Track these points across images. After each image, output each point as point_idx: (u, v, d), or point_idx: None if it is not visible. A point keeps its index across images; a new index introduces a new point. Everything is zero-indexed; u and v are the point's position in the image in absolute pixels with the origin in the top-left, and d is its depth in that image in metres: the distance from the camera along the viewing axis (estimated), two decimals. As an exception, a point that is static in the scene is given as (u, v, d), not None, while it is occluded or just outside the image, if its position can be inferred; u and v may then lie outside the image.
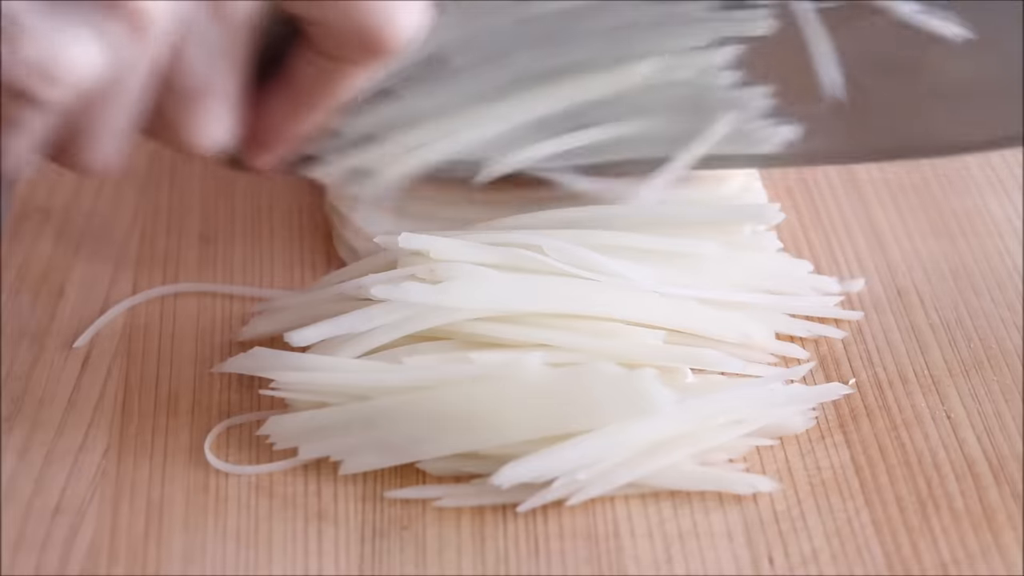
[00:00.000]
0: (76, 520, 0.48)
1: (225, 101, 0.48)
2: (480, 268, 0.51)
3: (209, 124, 0.48)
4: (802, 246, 0.59)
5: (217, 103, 0.48)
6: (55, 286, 0.57)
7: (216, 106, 0.48)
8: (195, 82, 0.47)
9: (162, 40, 0.45)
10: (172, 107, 0.48)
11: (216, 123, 0.48)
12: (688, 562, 0.46)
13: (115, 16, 0.43)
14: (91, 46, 0.43)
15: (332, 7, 0.47)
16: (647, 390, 0.47)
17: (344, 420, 0.49)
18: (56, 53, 0.43)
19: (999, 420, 0.51)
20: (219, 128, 0.49)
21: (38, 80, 0.43)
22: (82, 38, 0.43)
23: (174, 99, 0.47)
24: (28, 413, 0.51)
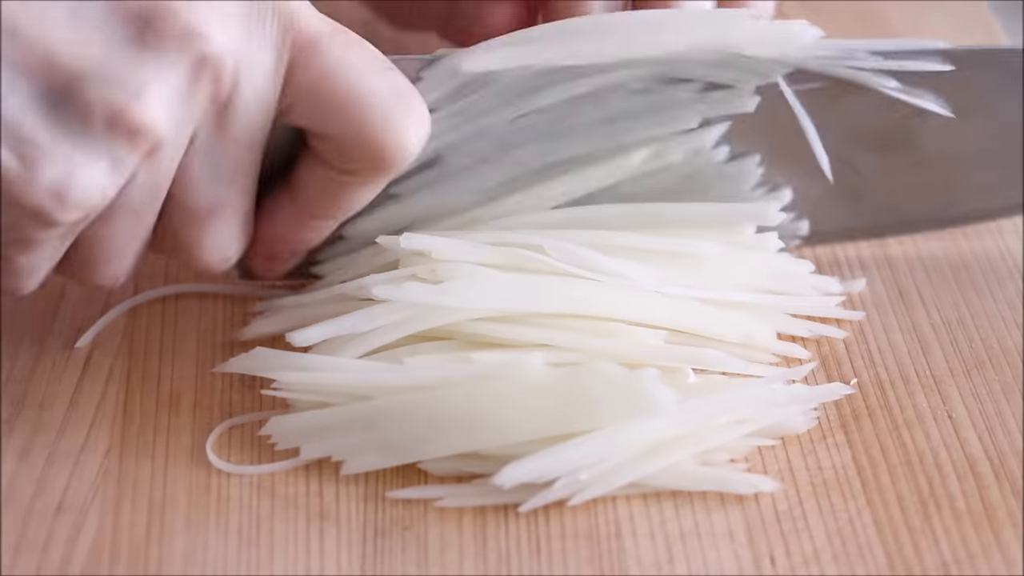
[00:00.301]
0: (78, 520, 0.47)
1: (234, 219, 0.49)
2: (481, 268, 0.51)
3: (219, 241, 0.49)
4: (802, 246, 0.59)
5: (226, 221, 0.49)
6: (56, 286, 0.57)
7: (225, 224, 0.49)
8: (203, 201, 0.48)
9: (171, 160, 0.46)
10: (181, 225, 0.49)
11: (226, 240, 0.50)
12: (690, 562, 0.46)
13: (124, 137, 0.44)
14: (103, 170, 0.44)
15: (337, 123, 0.48)
16: (648, 390, 0.47)
17: (346, 420, 0.49)
18: (71, 176, 0.44)
19: (1000, 420, 0.51)
20: (229, 245, 0.50)
21: (53, 203, 0.44)
22: (95, 162, 0.44)
23: (183, 218, 0.48)
24: (29, 414, 0.51)
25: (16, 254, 0.47)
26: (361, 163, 0.49)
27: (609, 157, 0.54)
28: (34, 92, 0.43)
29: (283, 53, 0.47)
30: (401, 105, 0.48)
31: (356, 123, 0.48)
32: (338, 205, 0.51)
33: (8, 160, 0.43)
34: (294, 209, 0.51)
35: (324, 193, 0.50)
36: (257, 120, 0.48)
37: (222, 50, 0.45)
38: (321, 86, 0.48)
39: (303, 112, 0.48)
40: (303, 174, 0.50)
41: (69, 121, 0.44)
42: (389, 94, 0.48)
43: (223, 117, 0.47)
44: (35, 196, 0.44)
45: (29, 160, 0.43)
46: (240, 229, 0.50)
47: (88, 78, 0.43)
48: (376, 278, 0.51)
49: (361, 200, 0.51)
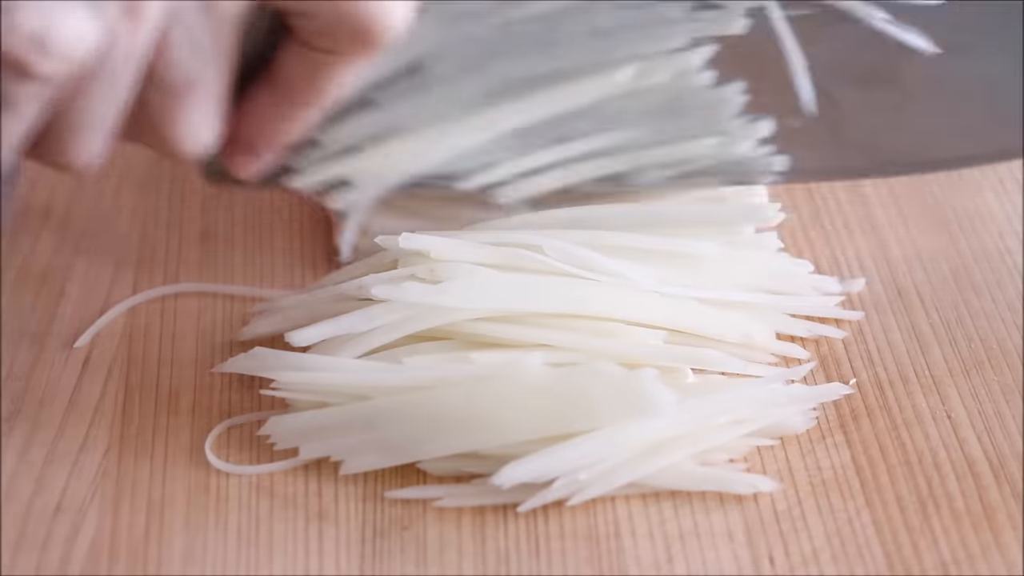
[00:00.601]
0: (77, 520, 0.48)
1: (211, 98, 0.48)
2: (480, 268, 0.51)
3: (194, 122, 0.48)
4: (802, 246, 0.59)
5: (202, 100, 0.48)
6: (55, 286, 0.57)
7: (201, 103, 0.48)
8: (181, 76, 0.47)
9: (152, 27, 0.45)
10: (157, 103, 0.47)
11: (201, 121, 0.48)
12: (689, 562, 0.46)
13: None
14: (86, 21, 0.43)
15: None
16: (647, 390, 0.47)
17: (345, 420, 0.49)
18: (52, 25, 0.43)
19: (999, 420, 0.51)
20: (204, 127, 0.48)
21: (33, 51, 0.43)
22: (78, 12, 0.43)
23: (159, 94, 0.47)
24: (29, 413, 0.51)
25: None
26: (341, 40, 0.48)
27: (595, 72, 0.53)
28: None
29: None
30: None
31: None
32: (317, 89, 0.49)
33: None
34: (273, 97, 0.50)
35: (304, 76, 0.49)
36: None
37: None
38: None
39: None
40: (283, 60, 0.49)
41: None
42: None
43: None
44: (14, 45, 0.43)
45: (7, 7, 0.42)
46: (215, 112, 0.48)
47: None
48: (375, 278, 0.51)
49: (339, 84, 0.49)
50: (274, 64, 0.49)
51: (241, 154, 0.51)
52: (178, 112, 0.48)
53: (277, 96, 0.50)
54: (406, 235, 0.51)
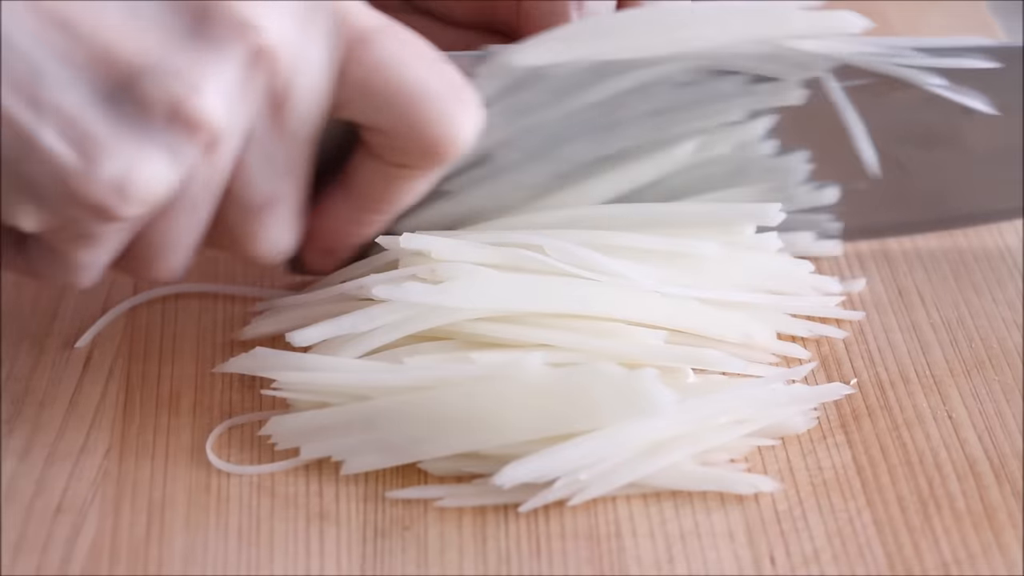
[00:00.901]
0: (77, 520, 0.47)
1: (288, 213, 0.49)
2: (481, 268, 0.51)
3: (273, 235, 0.50)
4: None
5: (280, 215, 0.49)
6: (55, 287, 0.57)
7: (279, 218, 0.49)
8: (258, 195, 0.48)
9: (230, 158, 0.46)
10: (236, 219, 0.49)
11: (279, 233, 0.50)
12: (690, 562, 0.46)
13: (184, 130, 0.44)
14: (164, 164, 0.44)
15: (390, 116, 0.48)
16: (648, 390, 0.47)
17: (345, 420, 0.49)
18: (132, 172, 0.44)
19: (1000, 420, 0.51)
20: (282, 238, 0.50)
21: (114, 197, 0.44)
22: (156, 156, 0.44)
23: (238, 212, 0.49)
24: (29, 414, 0.51)
25: (76, 249, 0.47)
26: (414, 156, 0.49)
27: (656, 149, 0.54)
28: (93, 88, 0.44)
29: (335, 47, 0.47)
30: (454, 97, 0.49)
31: (409, 116, 0.48)
32: (390, 199, 0.51)
33: (69, 156, 0.43)
34: (347, 203, 0.51)
35: (377, 187, 0.51)
36: (311, 114, 0.48)
37: (277, 43, 0.45)
38: (373, 79, 0.48)
39: (356, 106, 0.48)
40: (356, 168, 0.51)
41: (129, 116, 0.44)
42: (442, 87, 0.48)
43: (278, 111, 0.47)
44: (96, 191, 0.44)
45: (89, 155, 0.44)
46: (294, 223, 0.50)
47: (146, 72, 0.44)
48: (376, 278, 0.51)
49: (413, 194, 0.51)
50: (348, 170, 0.51)
51: (318, 253, 0.53)
52: (257, 226, 0.49)
53: (351, 203, 0.51)
54: (407, 235, 0.51)
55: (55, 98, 0.43)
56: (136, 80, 0.44)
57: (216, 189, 0.47)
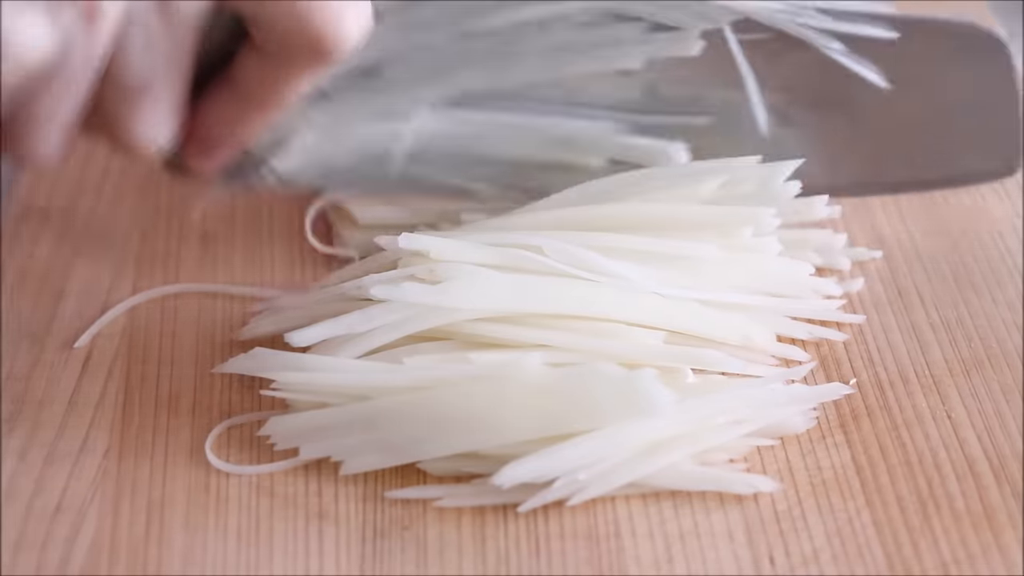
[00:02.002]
0: (77, 520, 0.48)
1: (167, 100, 0.48)
2: (480, 268, 0.51)
3: (150, 122, 0.48)
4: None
5: (159, 101, 0.48)
6: (55, 287, 0.57)
7: (158, 104, 0.48)
8: (138, 78, 0.47)
9: (109, 29, 0.45)
10: (114, 103, 0.48)
11: (158, 122, 0.48)
12: (689, 562, 0.46)
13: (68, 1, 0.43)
14: (43, 28, 0.43)
15: (278, 8, 0.47)
16: (647, 390, 0.47)
17: (345, 420, 0.49)
18: (10, 29, 0.43)
19: (1000, 420, 0.51)
20: (160, 126, 0.49)
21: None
22: (35, 19, 0.43)
23: (116, 95, 0.47)
24: (29, 413, 0.51)
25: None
26: (299, 49, 0.48)
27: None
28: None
29: None
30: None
31: (296, 9, 0.47)
32: (274, 95, 0.50)
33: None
34: (232, 100, 0.50)
35: (262, 82, 0.50)
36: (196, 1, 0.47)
37: None
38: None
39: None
40: (241, 63, 0.50)
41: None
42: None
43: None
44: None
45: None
46: (171, 111, 0.49)
47: None
48: (374, 278, 0.51)
49: (298, 91, 0.50)
50: (233, 66, 0.50)
51: (198, 151, 0.51)
52: (134, 111, 0.48)
53: (235, 98, 0.50)
54: (406, 235, 0.51)
55: None
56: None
57: (94, 64, 0.46)
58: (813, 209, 0.56)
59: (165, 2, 0.46)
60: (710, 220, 0.54)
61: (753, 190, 0.55)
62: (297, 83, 0.50)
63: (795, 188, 0.55)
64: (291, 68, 0.49)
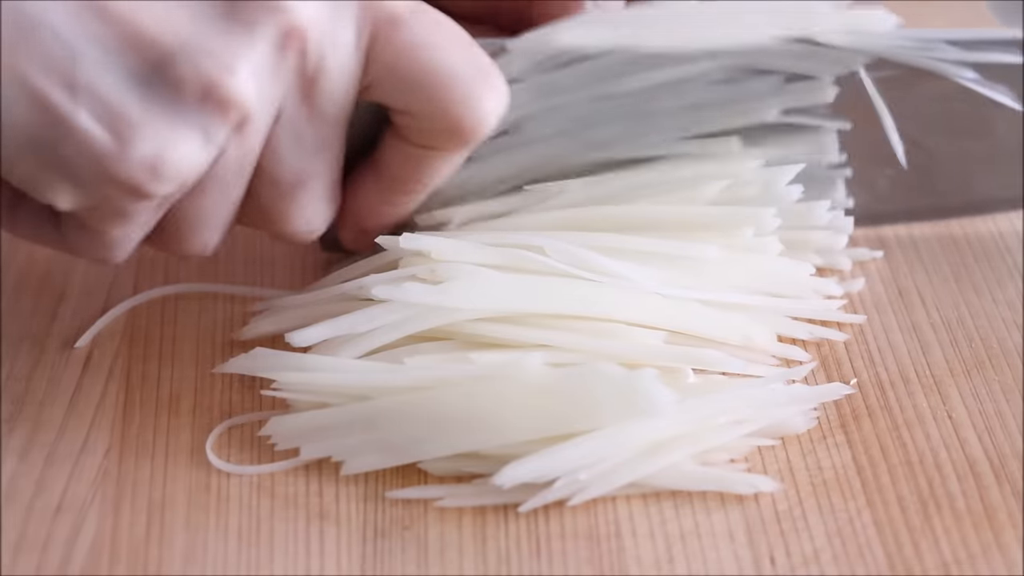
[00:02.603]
0: (77, 520, 0.47)
1: (320, 192, 0.50)
2: (481, 269, 0.51)
3: (306, 213, 0.50)
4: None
5: (312, 194, 0.50)
6: (56, 287, 0.57)
7: (311, 197, 0.50)
8: (289, 173, 0.49)
9: (261, 137, 0.46)
10: (268, 197, 0.50)
11: (312, 211, 0.51)
12: (690, 562, 0.46)
13: (216, 110, 0.45)
14: (196, 143, 0.45)
15: (418, 99, 0.49)
16: (648, 390, 0.47)
17: (345, 420, 0.49)
18: (165, 152, 0.45)
19: (1000, 420, 0.51)
20: (315, 217, 0.51)
21: (147, 176, 0.45)
22: (188, 136, 0.45)
23: (269, 189, 0.49)
24: (29, 413, 0.51)
25: (109, 226, 0.48)
26: (441, 137, 0.50)
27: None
28: (127, 69, 0.44)
29: (364, 28, 0.48)
30: (481, 80, 0.49)
31: (436, 99, 0.49)
32: (419, 179, 0.52)
33: (103, 137, 0.44)
34: (377, 184, 0.52)
35: (405, 168, 0.51)
36: (341, 94, 0.48)
37: (307, 22, 0.46)
38: (402, 62, 0.48)
39: (385, 88, 0.49)
40: (386, 150, 0.51)
41: (162, 96, 0.45)
42: (469, 69, 0.49)
43: (309, 90, 0.48)
44: (129, 171, 0.45)
45: (123, 136, 0.44)
46: (326, 201, 0.51)
47: (179, 53, 0.45)
48: (376, 278, 0.51)
49: (441, 174, 0.52)
50: (378, 152, 0.52)
51: (352, 233, 0.53)
52: (290, 204, 0.50)
53: (381, 184, 0.52)
54: (407, 235, 0.51)
55: (90, 80, 0.44)
56: (169, 61, 0.44)
57: (247, 167, 0.48)
58: (815, 214, 0.56)
59: (310, 97, 0.48)
60: (711, 220, 0.54)
61: (756, 193, 0.55)
62: (441, 167, 0.51)
63: (797, 192, 0.55)
64: (433, 152, 0.51)
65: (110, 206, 0.46)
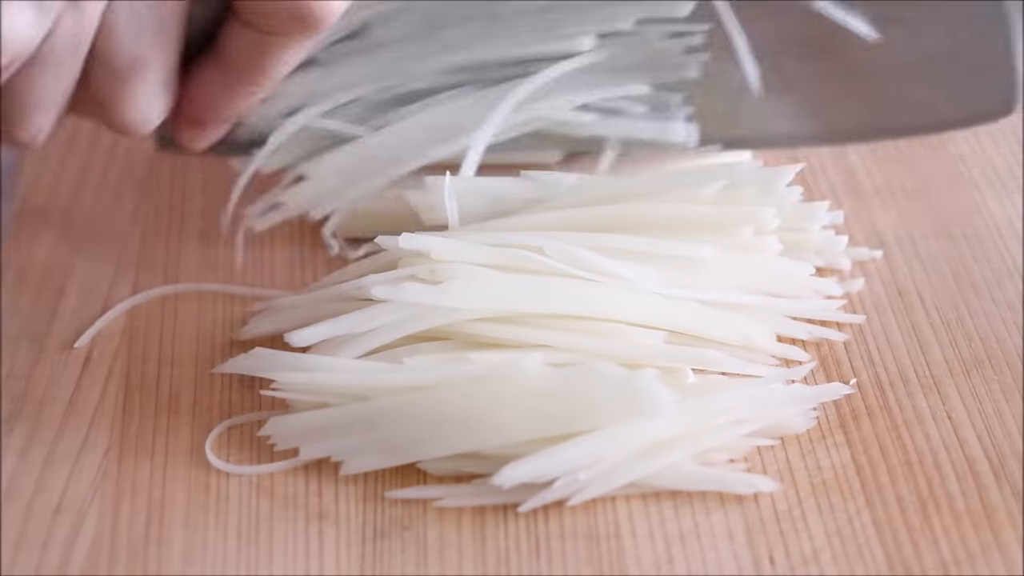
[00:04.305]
0: (77, 520, 0.48)
1: (157, 77, 0.48)
2: (480, 269, 0.51)
3: (140, 100, 0.49)
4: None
5: (148, 79, 0.48)
6: (55, 286, 0.57)
7: (147, 82, 0.48)
8: (126, 56, 0.47)
9: (97, 14, 0.45)
10: (104, 83, 0.48)
11: (147, 99, 0.49)
12: (689, 562, 0.46)
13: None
14: (30, 18, 0.43)
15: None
16: (648, 390, 0.47)
17: (345, 420, 0.49)
18: None
19: (1000, 420, 0.51)
20: (151, 105, 0.49)
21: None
22: (22, 9, 0.43)
23: (106, 75, 0.48)
24: (29, 413, 0.51)
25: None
26: (284, 21, 0.48)
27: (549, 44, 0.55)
28: None
29: None
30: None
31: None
32: (263, 69, 0.50)
33: None
34: (219, 75, 0.51)
35: (249, 56, 0.50)
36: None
37: None
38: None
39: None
40: (228, 37, 0.50)
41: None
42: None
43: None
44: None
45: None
46: (161, 89, 0.49)
47: None
48: (375, 278, 0.51)
49: (285, 63, 0.50)
50: (220, 41, 0.50)
51: (189, 127, 0.52)
52: (125, 90, 0.48)
53: (222, 74, 0.50)
54: (406, 235, 0.51)
55: None
56: None
57: (83, 44, 0.46)
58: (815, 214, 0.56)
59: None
60: (710, 220, 0.54)
61: (755, 193, 0.55)
62: (284, 55, 0.50)
63: (797, 192, 0.55)
64: (277, 40, 0.49)
65: None
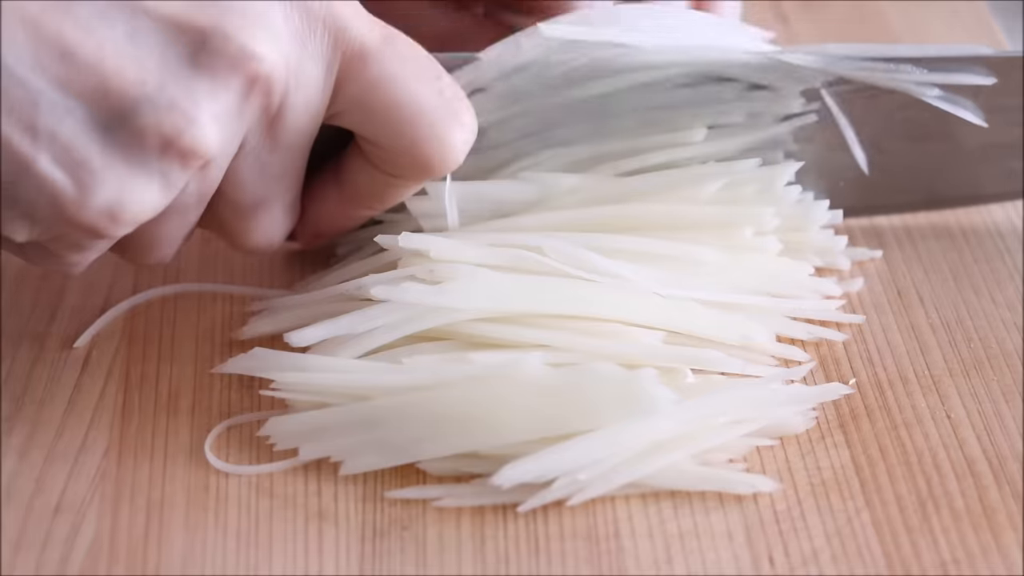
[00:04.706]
0: (76, 520, 0.47)
1: (279, 211, 0.51)
2: (480, 269, 0.51)
3: (264, 230, 0.51)
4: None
5: (271, 214, 0.50)
6: (55, 286, 0.57)
7: (270, 216, 0.51)
8: (250, 198, 0.49)
9: (220, 170, 0.47)
10: (228, 216, 0.50)
11: (271, 229, 0.51)
12: (688, 562, 0.46)
13: (177, 160, 0.45)
14: (156, 189, 0.45)
15: (385, 132, 0.49)
16: (647, 390, 0.47)
17: (344, 420, 0.49)
18: (124, 198, 0.45)
19: (999, 420, 0.51)
20: (274, 233, 0.51)
21: (106, 221, 0.45)
22: (148, 183, 0.45)
23: (229, 210, 0.50)
24: (28, 413, 0.51)
25: (69, 255, 0.48)
26: (407, 169, 0.50)
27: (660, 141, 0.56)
28: (90, 116, 0.44)
29: (333, 64, 0.48)
30: (449, 115, 0.49)
31: (403, 134, 0.49)
32: (381, 199, 0.52)
33: (63, 182, 0.44)
34: (340, 198, 0.52)
35: (370, 189, 0.52)
36: (305, 127, 0.49)
37: (274, 68, 0.46)
38: (370, 97, 0.49)
39: (353, 119, 0.49)
40: (350, 167, 0.52)
41: (123, 144, 0.44)
42: (437, 104, 0.49)
43: (273, 126, 0.48)
44: (89, 216, 0.45)
45: (83, 182, 0.44)
46: (285, 218, 0.51)
47: (142, 103, 0.44)
48: (374, 278, 0.51)
49: (404, 196, 0.52)
50: (342, 165, 0.52)
51: (309, 236, 0.54)
52: (249, 224, 0.51)
53: (343, 197, 0.52)
54: (406, 235, 0.51)
55: (52, 125, 0.44)
56: (133, 110, 0.44)
57: (206, 197, 0.48)
58: (814, 214, 0.56)
59: (274, 132, 0.48)
60: (710, 220, 0.54)
61: (754, 193, 0.55)
62: (406, 192, 0.52)
63: (795, 192, 0.55)
64: (398, 181, 0.51)
65: (68, 240, 0.46)
